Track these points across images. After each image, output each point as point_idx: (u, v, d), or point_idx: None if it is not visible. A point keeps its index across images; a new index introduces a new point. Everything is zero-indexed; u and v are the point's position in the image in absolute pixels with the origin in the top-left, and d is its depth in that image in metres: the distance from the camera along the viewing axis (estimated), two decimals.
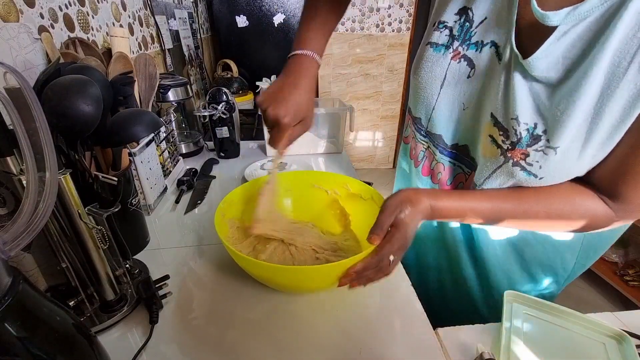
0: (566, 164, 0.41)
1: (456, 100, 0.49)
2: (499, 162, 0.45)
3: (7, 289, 0.25)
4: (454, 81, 0.49)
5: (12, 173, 0.36)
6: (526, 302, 0.50)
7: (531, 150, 0.41)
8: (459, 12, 0.47)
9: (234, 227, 0.62)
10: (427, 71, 0.51)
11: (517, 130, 0.42)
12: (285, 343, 0.46)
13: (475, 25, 0.46)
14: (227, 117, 1.01)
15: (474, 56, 0.46)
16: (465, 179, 0.53)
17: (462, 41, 0.47)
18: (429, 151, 0.57)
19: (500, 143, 0.44)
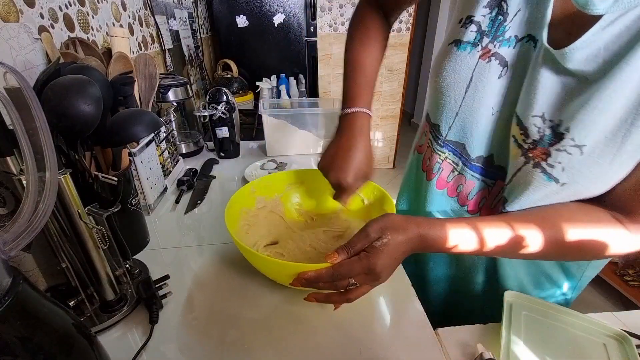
0: (594, 170, 0.37)
1: (483, 104, 0.44)
2: (519, 164, 0.41)
3: (7, 289, 0.25)
4: (482, 83, 0.43)
5: (12, 173, 0.36)
6: (526, 302, 0.50)
7: (553, 149, 0.38)
8: (490, 5, 0.42)
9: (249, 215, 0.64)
10: (451, 72, 0.46)
11: (539, 128, 0.38)
12: (285, 343, 0.46)
13: (509, 18, 0.41)
14: (227, 117, 1.01)
15: (507, 53, 0.42)
16: (489, 192, 0.48)
17: (492, 37, 0.42)
18: (447, 162, 0.52)
19: (521, 142, 0.40)
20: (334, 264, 0.41)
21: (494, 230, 0.41)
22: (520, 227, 0.41)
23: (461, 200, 0.52)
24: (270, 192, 0.68)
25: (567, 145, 0.37)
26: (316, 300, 0.45)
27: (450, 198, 0.53)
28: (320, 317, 0.50)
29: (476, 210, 0.51)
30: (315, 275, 0.42)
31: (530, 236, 0.40)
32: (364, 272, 0.40)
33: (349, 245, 0.42)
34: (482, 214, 0.50)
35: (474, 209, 0.51)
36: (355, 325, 0.49)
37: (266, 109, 1.08)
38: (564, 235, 0.39)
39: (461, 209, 0.52)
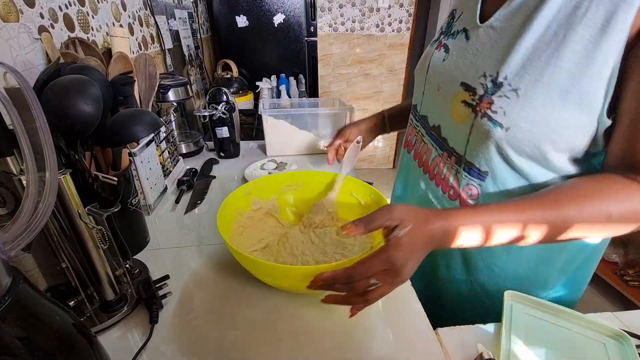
0: (531, 112, 0.41)
1: (434, 82, 0.55)
2: (471, 120, 0.47)
3: (7, 289, 0.25)
4: (434, 66, 0.56)
5: (12, 173, 0.36)
6: (526, 302, 0.50)
7: (495, 97, 0.43)
8: (449, 14, 0.57)
9: (244, 217, 0.64)
10: (421, 62, 0.60)
11: (483, 84, 0.45)
12: (285, 343, 0.46)
13: (455, 20, 0.54)
14: (227, 117, 1.01)
15: (449, 42, 0.54)
16: (441, 160, 0.55)
17: (445, 34, 0.56)
18: (419, 134, 0.61)
19: (470, 101, 0.47)
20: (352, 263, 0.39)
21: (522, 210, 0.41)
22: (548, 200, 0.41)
23: (425, 169, 0.60)
24: (266, 193, 0.68)
25: (505, 90, 0.43)
26: (334, 301, 0.42)
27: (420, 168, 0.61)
28: (321, 317, 0.50)
29: (433, 177, 0.57)
30: (331, 275, 0.39)
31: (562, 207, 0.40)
32: (384, 267, 0.38)
33: (367, 220, 0.39)
34: (436, 181, 0.56)
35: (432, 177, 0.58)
36: (355, 325, 0.49)
37: (266, 109, 1.08)
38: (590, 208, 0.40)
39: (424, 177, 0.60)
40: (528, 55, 0.41)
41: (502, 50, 0.44)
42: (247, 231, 0.63)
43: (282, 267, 0.48)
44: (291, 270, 0.48)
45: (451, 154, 0.52)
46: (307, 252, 0.59)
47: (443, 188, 0.55)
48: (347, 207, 0.68)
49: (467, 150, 0.49)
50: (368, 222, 0.39)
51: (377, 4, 2.56)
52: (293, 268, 0.50)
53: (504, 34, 0.44)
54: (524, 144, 0.43)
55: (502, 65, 0.43)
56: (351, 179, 0.68)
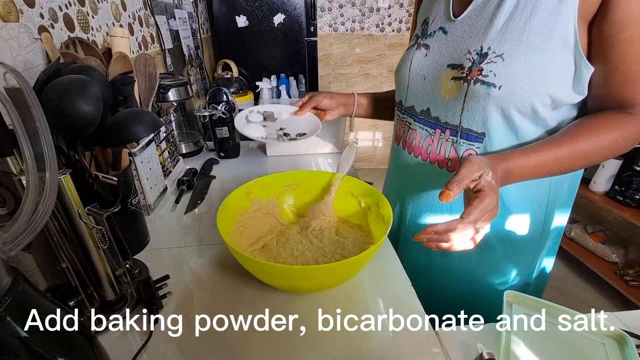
0: (516, 69, 0.49)
1: (419, 75, 0.63)
2: (464, 90, 0.55)
3: (7, 289, 0.25)
4: (417, 63, 0.63)
5: (12, 173, 0.36)
6: (526, 302, 0.50)
7: (484, 65, 0.52)
8: (422, 24, 0.66)
9: (245, 216, 0.64)
10: (401, 64, 0.68)
11: (469, 58, 0.54)
12: (285, 343, 0.46)
13: (429, 24, 0.63)
14: (227, 117, 1.01)
15: (429, 41, 0.62)
16: (432, 140, 0.62)
17: (422, 36, 0.64)
18: (406, 124, 0.68)
19: (460, 75, 0.55)
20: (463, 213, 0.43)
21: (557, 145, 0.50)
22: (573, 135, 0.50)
23: (415, 152, 0.66)
24: (266, 193, 0.68)
25: (491, 57, 0.51)
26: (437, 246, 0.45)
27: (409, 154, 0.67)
28: (320, 317, 0.50)
29: (426, 157, 0.64)
30: (445, 226, 0.43)
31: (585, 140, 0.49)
32: (488, 209, 0.43)
33: (457, 180, 0.43)
34: (431, 160, 0.63)
35: (425, 157, 0.64)
36: (355, 325, 0.49)
37: None
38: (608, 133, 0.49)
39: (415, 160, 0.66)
40: (505, 27, 0.51)
41: (482, 30, 0.53)
42: (247, 231, 0.63)
43: (282, 267, 0.49)
44: (291, 270, 0.48)
45: (445, 128, 0.60)
46: (306, 252, 0.59)
47: (439, 164, 0.62)
48: (346, 208, 0.68)
49: (462, 119, 0.57)
50: (459, 182, 0.43)
51: (377, 4, 2.56)
52: (293, 268, 0.50)
53: (479, 18, 0.54)
54: (514, 98, 0.51)
55: (484, 39, 0.52)
56: (351, 179, 0.68)
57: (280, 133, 0.90)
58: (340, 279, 0.53)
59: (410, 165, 0.67)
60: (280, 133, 0.90)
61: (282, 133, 0.90)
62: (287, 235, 0.62)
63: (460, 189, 0.42)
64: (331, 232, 0.64)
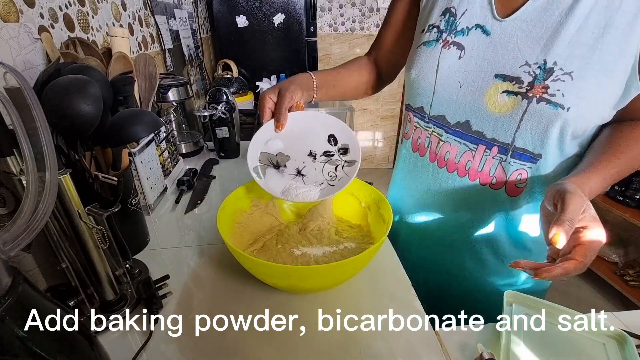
0: (586, 90, 0.45)
1: (452, 80, 0.55)
2: (523, 107, 0.49)
3: (7, 289, 0.25)
4: (447, 65, 0.55)
5: (12, 173, 0.36)
6: (526, 302, 0.50)
7: (549, 82, 0.47)
8: (443, 13, 0.56)
9: (244, 215, 0.64)
10: (422, 64, 0.58)
11: (529, 71, 0.48)
12: (285, 343, 0.46)
13: (458, 17, 0.55)
14: (227, 117, 1.01)
15: (462, 40, 0.54)
16: (473, 156, 0.56)
17: (449, 32, 0.55)
18: (434, 135, 0.60)
19: (517, 90, 0.49)
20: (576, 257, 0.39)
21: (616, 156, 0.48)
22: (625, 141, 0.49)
23: (450, 167, 0.59)
24: (266, 193, 0.67)
25: (558, 74, 0.46)
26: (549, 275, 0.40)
27: (441, 169, 0.61)
28: (320, 317, 0.50)
29: (464, 173, 0.58)
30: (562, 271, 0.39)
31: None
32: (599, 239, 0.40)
33: (571, 221, 0.38)
34: (470, 176, 0.57)
35: (463, 174, 0.58)
36: (355, 325, 0.49)
37: None
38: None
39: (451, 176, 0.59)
40: (573, 42, 0.45)
41: (543, 39, 0.47)
42: (247, 231, 0.63)
43: (282, 267, 0.49)
44: (291, 270, 0.48)
45: (491, 145, 0.54)
46: (307, 252, 0.59)
47: (481, 180, 0.57)
48: (346, 208, 0.68)
49: (515, 138, 0.52)
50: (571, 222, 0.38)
51: (377, 4, 2.56)
52: (293, 268, 0.50)
53: (539, 24, 0.47)
54: (578, 121, 0.47)
55: (549, 52, 0.47)
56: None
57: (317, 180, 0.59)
58: (340, 279, 0.53)
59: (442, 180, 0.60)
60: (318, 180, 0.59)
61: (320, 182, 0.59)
62: (287, 235, 0.62)
63: (572, 230, 0.38)
64: (330, 232, 0.64)
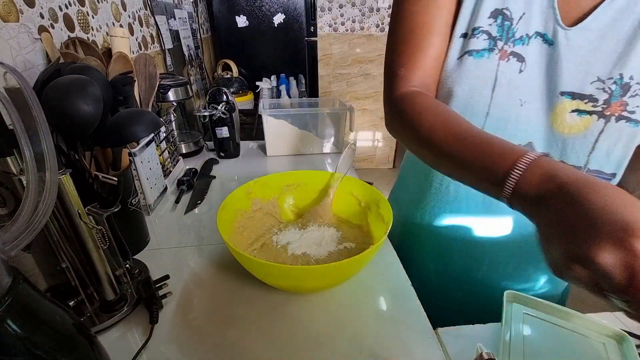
0: None
1: (511, 98, 0.48)
2: (599, 127, 0.45)
3: (7, 289, 0.25)
4: (506, 80, 0.47)
5: (12, 173, 0.36)
6: (526, 302, 0.50)
7: (627, 98, 0.43)
8: (493, 15, 0.46)
9: (245, 216, 0.64)
10: (474, 78, 0.48)
11: (604, 87, 0.43)
12: (285, 343, 0.46)
13: (515, 22, 0.46)
14: (227, 117, 1.01)
15: (522, 50, 0.46)
16: None
17: (505, 40, 0.46)
18: None
19: (591, 109, 0.45)
20: None
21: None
22: None
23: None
24: (266, 193, 0.68)
25: (636, 89, 0.42)
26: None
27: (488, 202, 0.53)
28: (321, 317, 0.50)
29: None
30: None
31: None
32: None
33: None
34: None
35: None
36: (355, 325, 0.49)
37: (266, 109, 1.08)
38: None
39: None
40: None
41: (616, 52, 0.43)
42: (247, 231, 0.63)
43: (282, 267, 0.49)
44: (291, 270, 0.48)
45: None
46: (307, 252, 0.59)
47: None
48: (346, 208, 0.68)
49: (590, 160, 0.47)
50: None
51: (377, 4, 2.56)
52: (293, 268, 0.50)
53: (611, 35, 0.43)
54: None
55: (624, 66, 0.43)
56: (350, 179, 0.68)
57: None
58: (340, 279, 0.53)
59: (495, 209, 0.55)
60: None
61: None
62: (287, 235, 0.63)
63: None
64: (330, 232, 0.64)
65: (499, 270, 0.61)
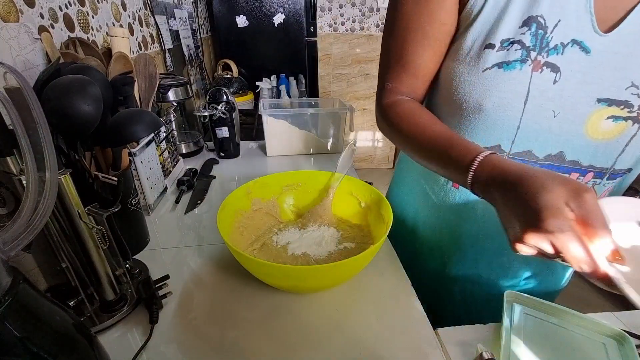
0: None
1: (545, 109, 0.46)
2: (632, 132, 0.46)
3: (7, 289, 0.25)
4: (539, 92, 0.45)
5: (12, 173, 0.36)
6: (526, 302, 0.50)
7: None
8: (526, 24, 0.44)
9: (244, 217, 0.64)
10: (504, 92, 0.46)
11: (638, 93, 0.43)
12: (285, 343, 0.46)
13: (550, 30, 0.44)
14: (227, 117, 1.01)
15: (557, 60, 0.44)
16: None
17: (539, 50, 0.44)
18: None
19: (626, 115, 0.45)
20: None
21: None
22: None
23: None
24: (266, 193, 0.68)
25: None
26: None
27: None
28: (320, 317, 0.50)
29: None
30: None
31: None
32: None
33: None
34: None
35: None
36: (355, 325, 0.49)
37: (266, 109, 1.08)
38: None
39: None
40: None
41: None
42: (247, 231, 0.63)
43: (282, 267, 0.49)
44: (291, 270, 0.48)
45: (586, 172, 0.50)
46: (307, 252, 0.59)
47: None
48: (346, 208, 0.68)
49: (617, 162, 0.48)
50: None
51: (377, 4, 2.56)
52: (293, 268, 0.50)
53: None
54: None
55: None
56: (351, 179, 0.68)
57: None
58: (340, 279, 0.53)
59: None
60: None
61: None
62: (287, 235, 0.63)
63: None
64: (330, 232, 0.64)
65: (498, 270, 0.61)
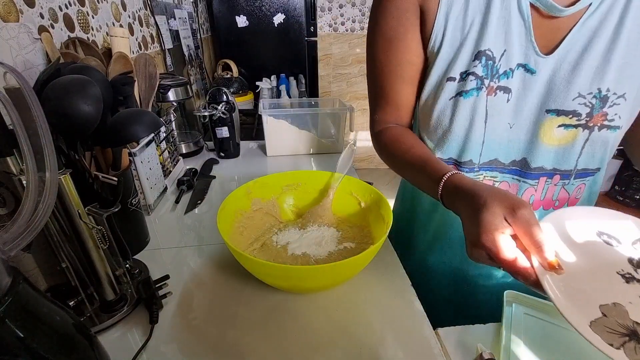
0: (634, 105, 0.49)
1: (501, 124, 0.53)
2: (584, 137, 0.51)
3: (7, 289, 0.25)
4: (496, 111, 0.52)
5: (12, 173, 0.36)
6: (526, 302, 0.50)
7: (607, 109, 0.48)
8: (477, 57, 0.50)
9: (244, 216, 0.64)
10: (467, 117, 0.53)
11: (585, 102, 0.48)
12: (285, 343, 0.46)
13: (498, 59, 0.50)
14: (227, 117, 1.01)
15: (507, 83, 0.51)
16: (535, 190, 0.56)
17: (490, 77, 0.51)
18: (487, 179, 0.58)
19: (575, 122, 0.50)
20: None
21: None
22: None
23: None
24: (266, 193, 0.68)
25: (613, 99, 0.48)
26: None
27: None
28: (320, 317, 0.50)
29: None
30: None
31: None
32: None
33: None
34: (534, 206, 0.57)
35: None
36: (355, 325, 0.49)
37: (266, 109, 1.08)
38: None
39: None
40: (620, 67, 0.47)
41: (593, 69, 0.47)
42: (247, 231, 0.63)
43: (282, 267, 0.49)
44: (291, 270, 0.48)
45: (552, 175, 0.55)
46: (307, 252, 0.59)
47: (544, 207, 0.58)
48: (346, 208, 0.68)
49: (578, 163, 0.53)
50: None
51: None
52: (293, 268, 0.50)
53: (587, 56, 0.47)
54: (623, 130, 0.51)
55: (601, 82, 0.47)
56: (351, 179, 0.68)
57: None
58: (340, 279, 0.53)
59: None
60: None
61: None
62: (287, 235, 0.63)
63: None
64: (330, 232, 0.64)
65: (498, 270, 0.61)
